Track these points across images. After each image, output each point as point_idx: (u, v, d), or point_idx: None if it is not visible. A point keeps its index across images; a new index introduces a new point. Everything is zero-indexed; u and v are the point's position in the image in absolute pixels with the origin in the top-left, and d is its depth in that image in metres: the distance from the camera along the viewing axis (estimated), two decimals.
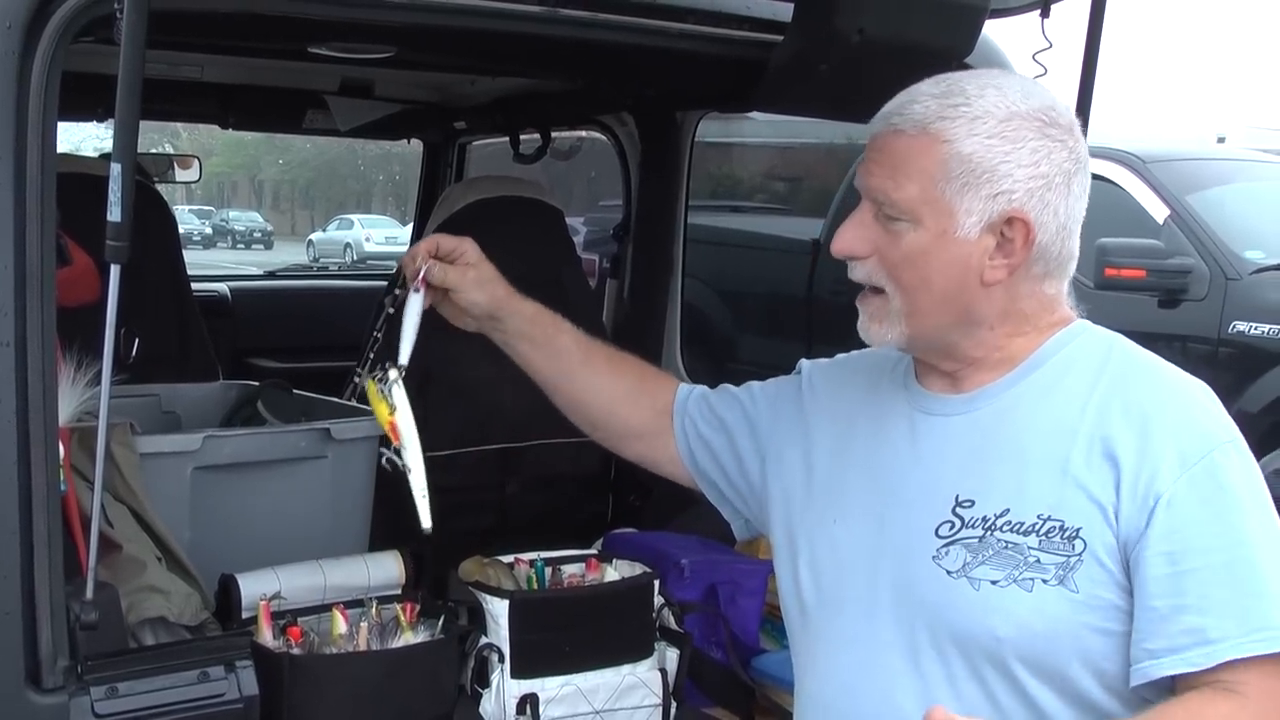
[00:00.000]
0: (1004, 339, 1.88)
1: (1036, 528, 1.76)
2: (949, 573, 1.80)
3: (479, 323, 2.21)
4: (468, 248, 2.18)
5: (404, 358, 2.02)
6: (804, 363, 2.20)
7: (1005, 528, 1.78)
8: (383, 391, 1.95)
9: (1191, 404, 1.80)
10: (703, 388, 2.29)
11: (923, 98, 1.83)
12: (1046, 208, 1.80)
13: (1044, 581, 1.74)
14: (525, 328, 2.24)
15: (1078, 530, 1.74)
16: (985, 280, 1.82)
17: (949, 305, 1.84)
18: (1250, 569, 1.69)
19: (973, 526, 1.81)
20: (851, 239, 1.87)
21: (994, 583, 1.77)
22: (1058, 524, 1.75)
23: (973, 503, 1.82)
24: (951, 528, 1.83)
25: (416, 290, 2.06)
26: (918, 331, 1.87)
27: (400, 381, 1.98)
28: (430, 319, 2.08)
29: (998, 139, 1.79)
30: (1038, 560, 1.75)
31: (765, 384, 2.23)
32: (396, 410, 1.96)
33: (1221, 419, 1.79)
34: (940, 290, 1.83)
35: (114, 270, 1.83)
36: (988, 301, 1.84)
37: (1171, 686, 1.70)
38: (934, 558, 1.82)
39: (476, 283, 2.17)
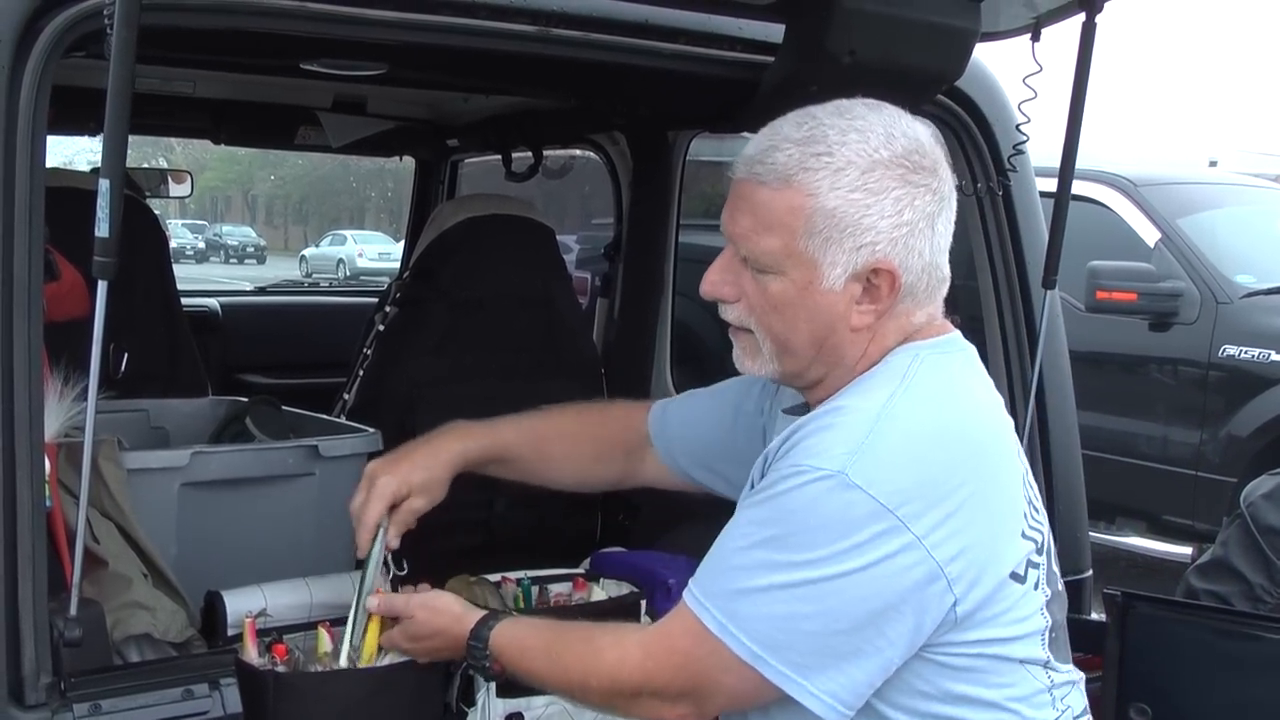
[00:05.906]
0: (866, 367, 1.88)
1: None
2: None
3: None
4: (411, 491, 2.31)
5: None
6: None
7: None
8: None
9: (840, 428, 1.77)
10: (675, 407, 2.43)
11: (785, 144, 1.81)
12: (911, 252, 1.81)
13: None
14: (485, 469, 2.39)
15: None
16: (853, 326, 1.84)
17: (817, 348, 1.86)
18: (721, 547, 1.82)
19: None
20: (718, 282, 1.88)
21: None
22: None
23: None
24: None
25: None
26: (790, 369, 1.90)
27: None
28: (420, 336, 2.04)
29: (860, 192, 1.77)
30: None
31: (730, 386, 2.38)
32: None
33: (844, 452, 1.72)
34: (808, 336, 1.85)
35: (101, 286, 1.82)
36: (855, 343, 1.86)
37: None
38: None
39: (432, 497, 2.32)
